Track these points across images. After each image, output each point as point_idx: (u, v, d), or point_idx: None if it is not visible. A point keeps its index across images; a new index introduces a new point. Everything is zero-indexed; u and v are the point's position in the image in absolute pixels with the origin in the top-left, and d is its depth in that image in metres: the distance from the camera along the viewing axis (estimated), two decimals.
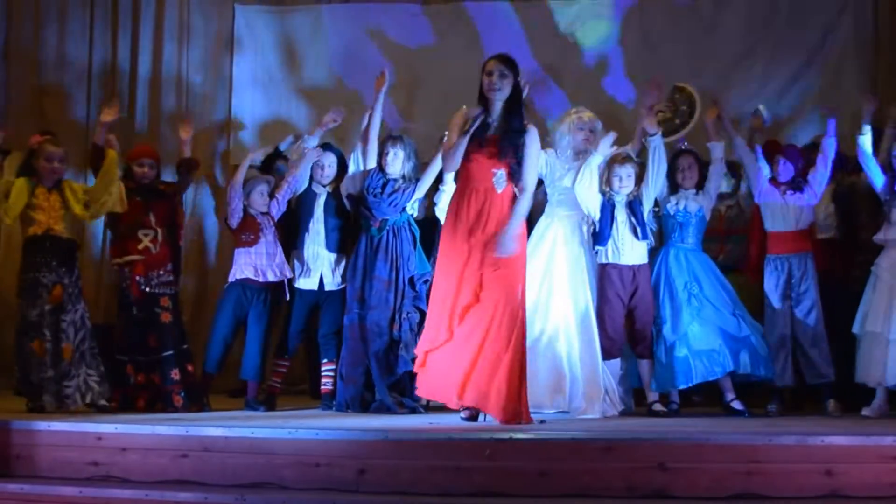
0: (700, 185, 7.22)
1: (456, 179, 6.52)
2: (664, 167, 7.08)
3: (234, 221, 7.38)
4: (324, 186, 7.49)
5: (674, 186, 7.22)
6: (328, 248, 7.41)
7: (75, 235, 7.07)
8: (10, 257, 9.34)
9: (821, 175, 7.16)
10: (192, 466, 5.61)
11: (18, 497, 5.60)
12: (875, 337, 6.86)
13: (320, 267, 7.40)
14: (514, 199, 6.27)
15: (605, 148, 7.01)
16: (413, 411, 6.95)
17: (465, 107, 6.35)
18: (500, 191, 6.25)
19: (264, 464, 5.50)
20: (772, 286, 7.16)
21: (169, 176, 7.96)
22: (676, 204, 7.17)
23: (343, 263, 7.45)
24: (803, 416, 6.94)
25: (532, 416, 6.19)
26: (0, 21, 9.59)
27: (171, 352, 7.09)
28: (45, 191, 6.87)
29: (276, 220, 7.45)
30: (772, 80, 8.88)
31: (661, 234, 7.37)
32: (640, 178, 7.10)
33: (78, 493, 5.54)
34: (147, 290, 7.12)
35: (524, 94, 6.48)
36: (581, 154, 7.07)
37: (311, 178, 7.49)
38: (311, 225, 7.43)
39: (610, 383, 6.92)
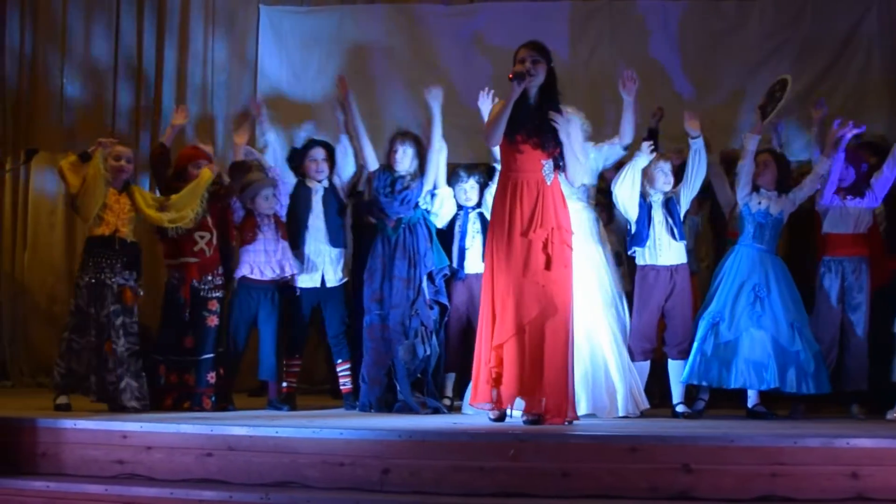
0: (780, 188, 7.12)
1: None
2: (703, 171, 7.02)
3: (236, 219, 7.41)
4: (318, 182, 7.49)
5: (755, 185, 7.10)
6: (331, 243, 7.41)
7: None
8: (35, 257, 9.44)
9: (885, 180, 7.05)
10: (217, 465, 5.62)
11: (44, 495, 5.63)
12: None
13: (322, 263, 7.39)
14: (562, 191, 6.30)
15: (647, 150, 6.99)
16: (436, 411, 6.94)
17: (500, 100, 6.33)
18: (549, 182, 6.23)
19: (288, 463, 5.51)
20: (827, 288, 7.10)
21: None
22: (759, 203, 7.06)
23: (343, 259, 7.46)
24: (828, 419, 6.89)
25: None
26: (27, 21, 9.64)
27: (211, 355, 7.10)
28: (116, 192, 6.91)
29: (283, 219, 7.43)
30: (798, 81, 8.82)
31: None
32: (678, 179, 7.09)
33: (103, 491, 5.57)
34: (199, 293, 7.12)
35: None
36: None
37: (304, 175, 7.48)
38: (310, 221, 7.42)
39: (636, 383, 6.89)
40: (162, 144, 7.46)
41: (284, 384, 7.42)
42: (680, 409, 6.94)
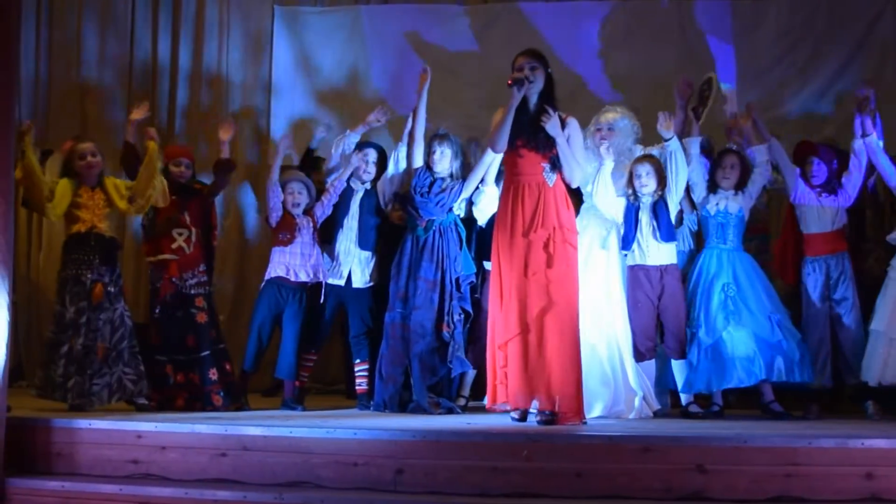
0: (739, 186, 7.16)
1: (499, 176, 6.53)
2: (684, 171, 7.01)
3: (273, 220, 7.41)
4: (362, 183, 7.49)
5: (713, 186, 7.17)
6: (361, 245, 7.41)
7: (118, 235, 7.10)
8: (50, 257, 9.46)
9: (855, 178, 7.08)
10: (231, 465, 5.64)
11: (59, 494, 5.66)
12: (879, 336, 6.85)
13: (350, 263, 7.39)
14: (566, 192, 6.37)
15: (607, 154, 6.99)
16: (450, 411, 6.93)
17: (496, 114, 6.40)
18: (551, 184, 6.31)
19: (302, 463, 5.52)
20: (811, 288, 7.11)
21: (205, 177, 7.99)
22: (717, 204, 7.12)
23: (373, 262, 7.45)
24: (843, 419, 6.87)
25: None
26: (43, 19, 9.67)
27: (207, 352, 7.11)
28: (89, 189, 6.94)
29: (318, 223, 7.44)
30: (811, 80, 8.81)
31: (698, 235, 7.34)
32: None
33: (118, 491, 5.60)
34: (182, 290, 7.15)
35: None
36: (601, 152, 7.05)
37: (351, 174, 7.48)
38: (345, 221, 7.43)
39: (646, 385, 6.90)
40: (126, 142, 7.46)
41: (301, 379, 7.42)
42: (693, 409, 6.92)
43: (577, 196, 7.60)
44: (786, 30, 9.01)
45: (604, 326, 6.92)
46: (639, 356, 6.93)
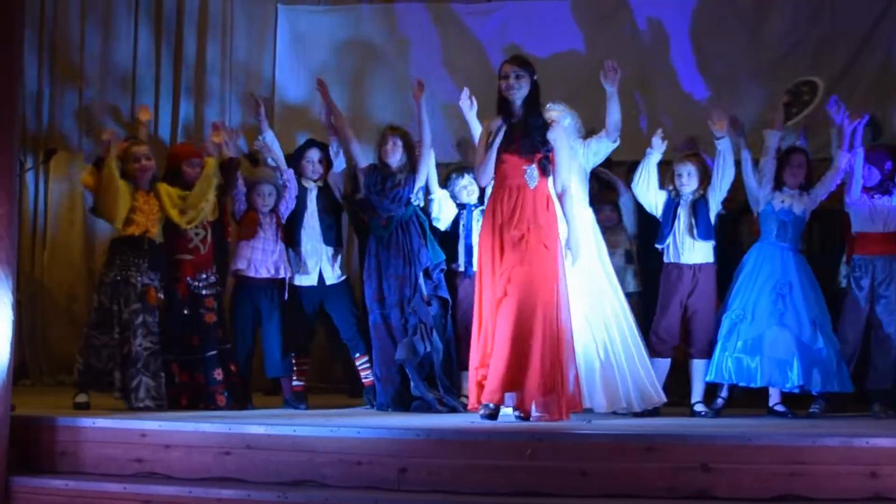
0: (805, 186, 7.10)
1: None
2: (730, 172, 6.97)
3: (238, 213, 7.42)
4: (314, 182, 7.52)
5: (778, 183, 7.09)
6: (326, 242, 7.43)
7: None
8: (54, 256, 9.48)
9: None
10: (235, 464, 5.64)
11: (63, 493, 5.67)
12: None
13: (318, 262, 7.42)
14: (549, 195, 6.41)
15: (659, 145, 7.01)
16: (453, 410, 6.94)
17: (486, 122, 6.48)
18: (532, 186, 6.36)
19: (306, 462, 5.53)
20: (856, 287, 7.07)
21: None
22: (782, 202, 7.05)
23: (340, 257, 7.50)
24: (848, 418, 6.87)
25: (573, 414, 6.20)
26: (46, 26, 9.67)
27: (214, 352, 7.10)
28: (144, 193, 6.98)
29: (283, 219, 7.42)
30: (818, 75, 8.75)
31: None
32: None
33: (122, 490, 5.60)
34: (194, 290, 7.14)
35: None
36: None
37: (300, 175, 7.50)
38: (305, 220, 7.44)
39: (650, 378, 6.84)
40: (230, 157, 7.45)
41: (296, 383, 7.44)
42: (698, 408, 6.91)
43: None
44: (789, 27, 8.99)
45: (597, 319, 6.86)
46: (655, 353, 6.91)
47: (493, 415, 6.20)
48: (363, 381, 7.46)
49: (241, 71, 9.74)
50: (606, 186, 7.82)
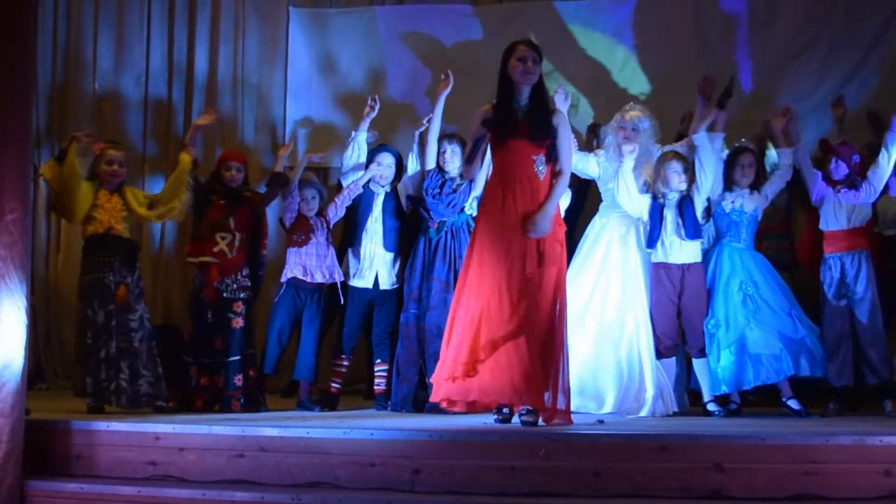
0: (755, 185, 7.14)
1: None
2: (711, 167, 6.98)
3: (288, 221, 7.43)
4: (382, 186, 7.53)
5: (728, 183, 7.14)
6: (386, 247, 7.45)
7: (136, 237, 7.14)
8: (69, 260, 9.51)
9: (882, 171, 7.04)
10: (249, 466, 5.65)
11: (78, 496, 5.68)
12: None
13: (376, 266, 7.43)
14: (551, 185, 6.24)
15: (628, 153, 6.95)
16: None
17: (487, 106, 6.27)
18: (542, 178, 6.16)
19: (320, 464, 5.53)
20: (827, 285, 7.08)
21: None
22: (732, 202, 7.09)
23: (398, 264, 7.49)
24: (861, 416, 6.86)
25: (585, 416, 6.18)
26: (60, 26, 9.72)
27: (237, 357, 7.11)
28: (107, 193, 6.98)
29: (331, 224, 7.48)
30: (827, 78, 8.77)
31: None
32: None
33: (136, 493, 5.61)
34: (222, 293, 7.15)
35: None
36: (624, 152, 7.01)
37: (370, 178, 7.52)
38: (369, 224, 7.47)
39: (665, 382, 6.88)
40: (183, 143, 7.49)
41: (333, 384, 7.47)
42: (711, 407, 6.90)
43: (580, 194, 7.64)
44: (801, 26, 8.97)
45: (623, 324, 6.93)
46: (659, 354, 6.93)
47: (508, 419, 6.16)
48: (376, 387, 7.48)
49: (253, 73, 9.76)
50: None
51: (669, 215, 6.99)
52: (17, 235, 5.73)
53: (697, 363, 7.01)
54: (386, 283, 7.45)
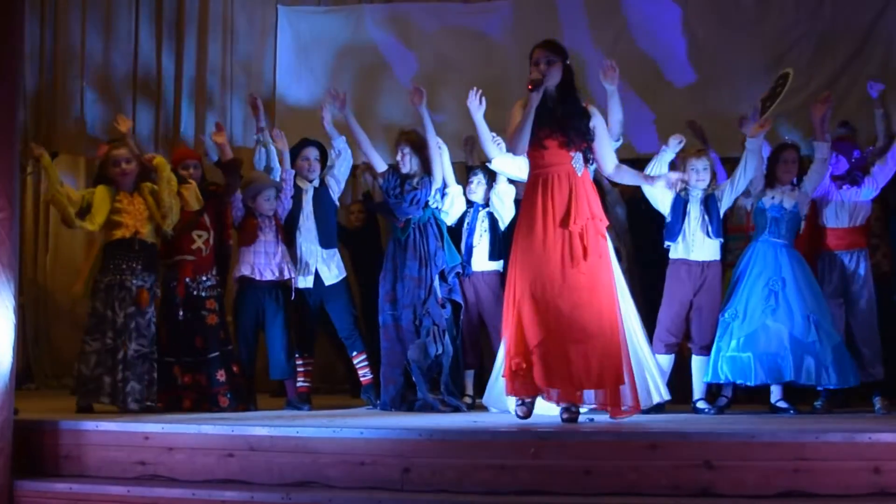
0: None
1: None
2: (752, 172, 6.96)
3: (236, 220, 7.43)
4: (310, 182, 7.52)
5: (770, 180, 7.08)
6: (322, 243, 7.45)
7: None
8: (57, 260, 9.50)
9: (889, 168, 7.04)
10: (238, 466, 5.64)
11: (67, 496, 5.66)
12: None
13: (314, 264, 7.42)
14: (593, 181, 6.28)
15: (675, 145, 7.00)
16: (456, 410, 6.95)
17: (519, 101, 6.20)
18: (580, 174, 6.14)
19: (309, 463, 5.52)
20: (824, 282, 7.09)
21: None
22: (773, 199, 7.04)
23: (337, 256, 7.50)
24: (851, 414, 6.87)
25: (578, 413, 6.15)
26: (48, 28, 9.69)
27: (216, 353, 7.11)
28: (128, 195, 6.96)
29: (282, 220, 7.44)
30: (819, 70, 8.79)
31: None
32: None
33: (125, 493, 5.59)
34: (195, 292, 7.15)
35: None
36: None
37: (295, 175, 7.49)
38: (301, 222, 7.47)
39: (654, 374, 6.81)
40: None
41: (300, 383, 7.44)
42: (701, 405, 6.91)
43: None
44: (790, 24, 8.99)
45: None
46: (656, 349, 6.90)
47: (575, 417, 6.03)
48: (361, 379, 7.49)
49: (241, 72, 9.75)
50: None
51: (694, 211, 6.98)
52: (5, 235, 5.72)
53: (696, 361, 7.01)
54: (330, 278, 7.45)
